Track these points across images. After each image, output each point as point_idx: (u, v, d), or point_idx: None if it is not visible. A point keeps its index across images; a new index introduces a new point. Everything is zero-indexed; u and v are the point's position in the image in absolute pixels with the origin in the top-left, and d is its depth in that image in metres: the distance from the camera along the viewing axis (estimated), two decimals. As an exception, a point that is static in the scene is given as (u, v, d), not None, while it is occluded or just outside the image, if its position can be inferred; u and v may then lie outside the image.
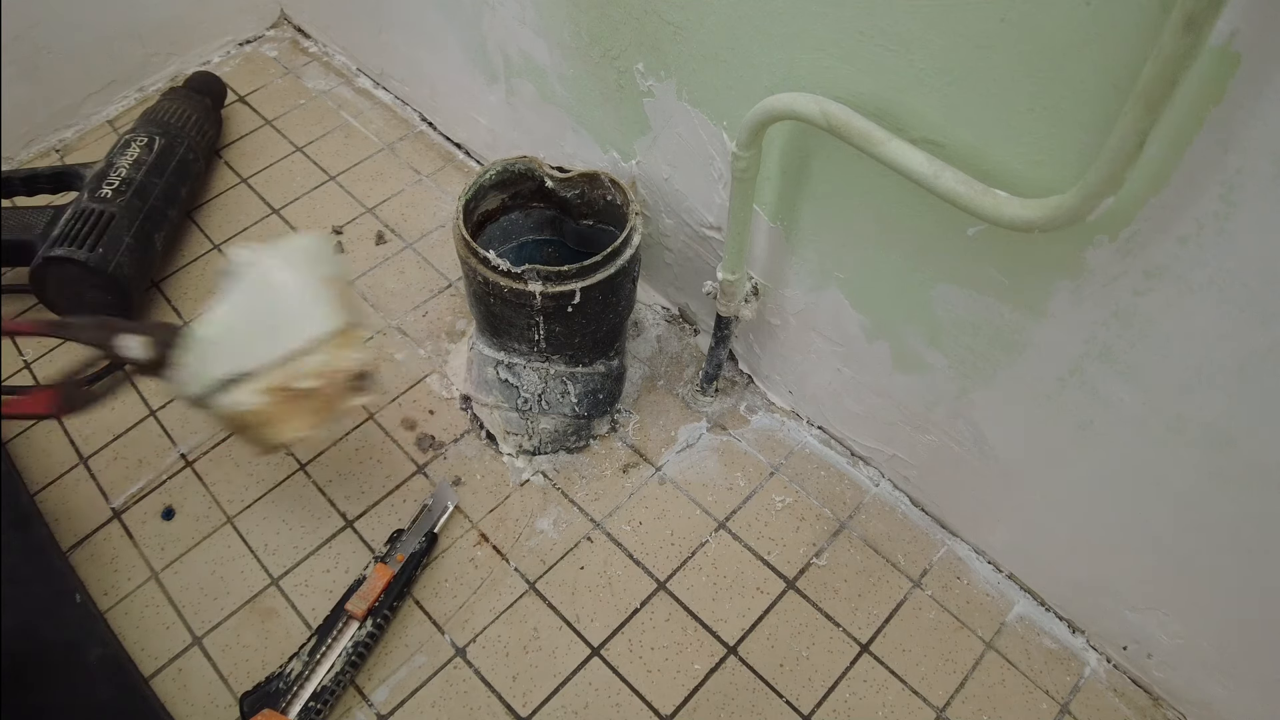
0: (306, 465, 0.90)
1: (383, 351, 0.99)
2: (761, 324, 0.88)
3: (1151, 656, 0.74)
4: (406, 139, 1.22)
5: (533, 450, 0.90)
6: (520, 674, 0.77)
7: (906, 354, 0.74)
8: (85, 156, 1.18)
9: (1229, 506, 0.58)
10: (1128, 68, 0.44)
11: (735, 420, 0.94)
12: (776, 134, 0.69)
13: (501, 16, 0.90)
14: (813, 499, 0.88)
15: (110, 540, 0.85)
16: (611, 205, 0.86)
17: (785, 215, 0.75)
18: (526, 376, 0.88)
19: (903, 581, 0.82)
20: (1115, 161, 0.43)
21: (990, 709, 0.75)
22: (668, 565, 0.83)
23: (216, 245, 1.09)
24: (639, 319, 1.01)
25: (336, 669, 0.74)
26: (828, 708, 0.75)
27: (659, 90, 0.77)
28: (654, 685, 0.76)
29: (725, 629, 0.79)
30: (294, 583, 0.82)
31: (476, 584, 0.82)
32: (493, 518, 0.86)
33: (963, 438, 0.75)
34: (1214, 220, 0.47)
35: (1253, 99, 0.41)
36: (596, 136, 0.91)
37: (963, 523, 0.84)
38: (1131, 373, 0.58)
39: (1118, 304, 0.55)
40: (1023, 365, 0.65)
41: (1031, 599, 0.81)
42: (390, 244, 1.09)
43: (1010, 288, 0.61)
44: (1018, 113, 0.51)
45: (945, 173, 0.53)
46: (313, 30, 1.34)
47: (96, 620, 0.78)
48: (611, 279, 0.79)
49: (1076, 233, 0.53)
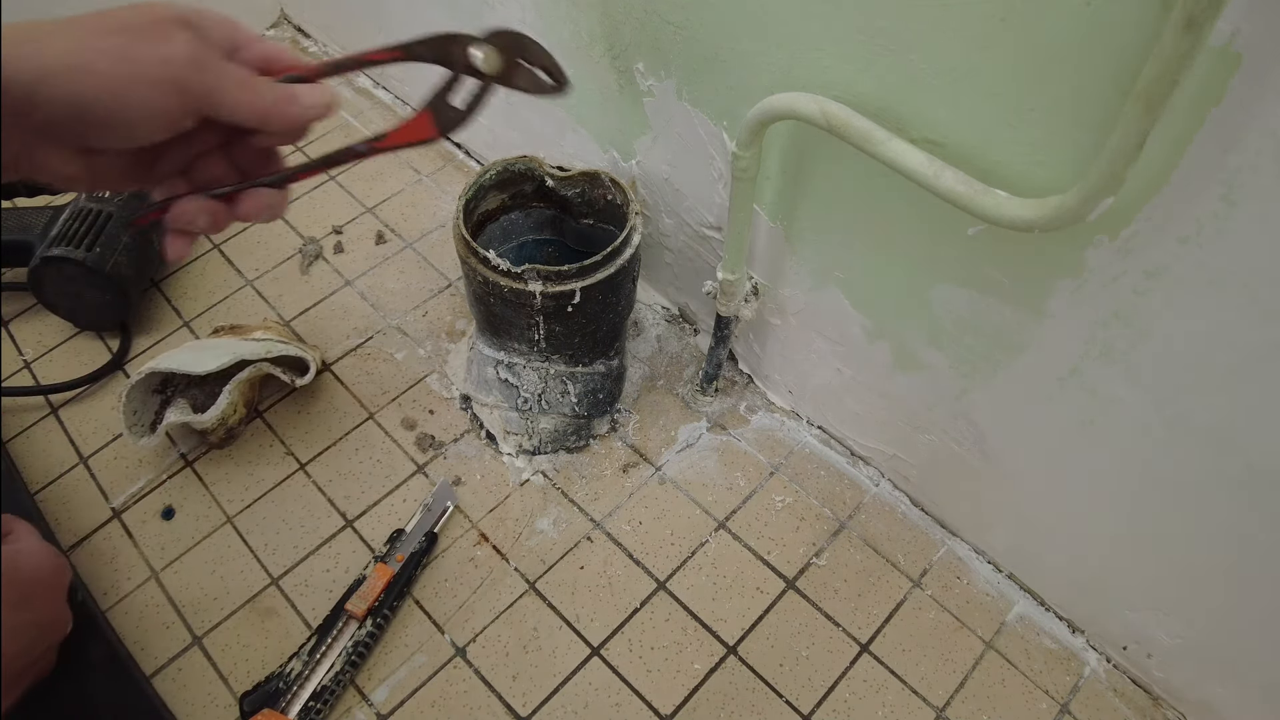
0: (306, 465, 0.90)
1: (382, 351, 0.99)
2: (761, 324, 0.88)
3: (1151, 656, 0.74)
4: (406, 138, 1.22)
5: (533, 450, 0.90)
6: (520, 674, 0.77)
7: (906, 354, 0.74)
8: (85, 156, 1.18)
9: (1229, 506, 0.58)
10: (1128, 68, 0.44)
11: (735, 420, 0.94)
12: (777, 134, 0.69)
13: (501, 16, 0.89)
14: (813, 499, 0.88)
15: (110, 540, 0.85)
16: (611, 205, 0.86)
17: (785, 215, 0.75)
18: (526, 376, 0.88)
19: (903, 581, 0.82)
20: (1115, 161, 0.43)
21: (990, 709, 0.75)
22: (668, 565, 0.83)
23: (216, 245, 1.09)
24: (639, 319, 1.01)
25: (336, 669, 0.75)
26: (827, 707, 0.75)
27: (659, 90, 0.77)
28: (654, 685, 0.76)
29: (725, 629, 0.79)
30: (294, 582, 0.82)
31: (476, 584, 0.82)
32: (493, 517, 0.86)
33: (963, 438, 0.75)
34: (1214, 220, 0.47)
35: (1253, 99, 0.41)
36: (596, 136, 0.91)
37: (963, 523, 0.84)
38: (1131, 373, 0.58)
39: (1118, 304, 0.55)
40: (1023, 365, 0.65)
41: (1031, 599, 0.81)
42: (390, 244, 1.09)
43: (1010, 288, 0.61)
44: (1018, 112, 0.51)
45: (945, 172, 0.53)
46: (313, 30, 1.34)
47: (98, 619, 0.78)
48: (611, 279, 0.79)
49: (1076, 233, 0.53)
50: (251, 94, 0.43)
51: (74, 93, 0.38)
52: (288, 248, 1.09)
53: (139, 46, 0.40)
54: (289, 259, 1.08)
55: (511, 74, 0.55)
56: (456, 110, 0.54)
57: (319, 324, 1.01)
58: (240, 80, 0.43)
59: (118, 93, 0.39)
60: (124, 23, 0.40)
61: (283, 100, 0.44)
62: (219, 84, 0.42)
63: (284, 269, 1.07)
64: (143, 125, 0.41)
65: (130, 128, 0.40)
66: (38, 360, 0.98)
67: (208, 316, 1.02)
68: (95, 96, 0.39)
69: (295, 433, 0.92)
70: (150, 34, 0.40)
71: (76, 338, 1.00)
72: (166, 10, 0.42)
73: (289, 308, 1.03)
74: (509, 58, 0.55)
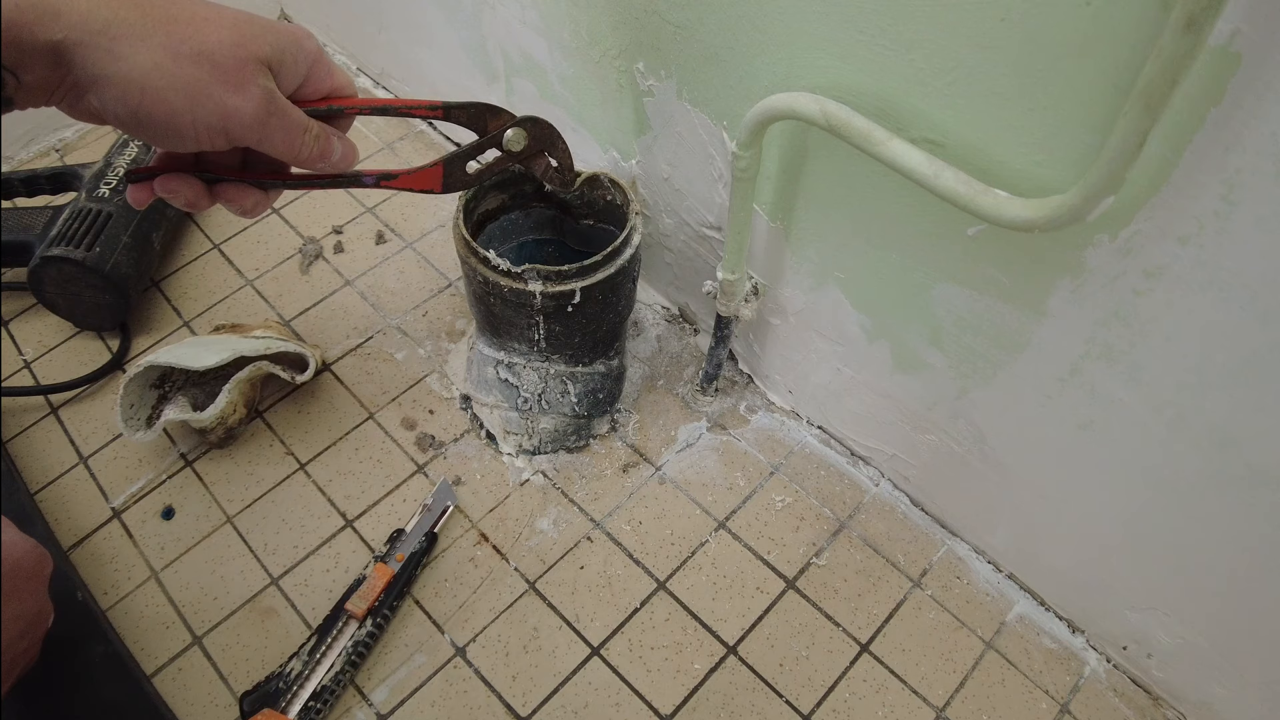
0: (306, 465, 0.90)
1: (382, 351, 0.99)
2: (761, 324, 0.88)
3: (1151, 656, 0.74)
4: (406, 138, 1.22)
5: (533, 450, 0.90)
6: (520, 673, 0.77)
7: (906, 354, 0.74)
8: (85, 156, 1.18)
9: (1230, 506, 0.58)
10: (1128, 68, 0.44)
11: (735, 420, 0.94)
12: (777, 134, 0.69)
13: (502, 16, 0.89)
14: (813, 499, 0.88)
15: (110, 539, 0.85)
16: (611, 205, 0.86)
17: (785, 215, 0.75)
18: (526, 376, 0.88)
19: (903, 581, 0.82)
20: (1115, 161, 0.43)
21: (990, 709, 0.75)
22: (668, 565, 0.83)
23: (216, 245, 1.09)
24: (639, 319, 1.01)
25: (336, 668, 0.75)
26: (827, 707, 0.75)
27: (659, 90, 0.77)
28: (654, 685, 0.76)
29: (725, 629, 0.79)
30: (294, 582, 0.82)
31: (476, 584, 0.82)
32: (493, 517, 0.86)
33: (963, 437, 0.75)
34: (1214, 220, 0.47)
35: (1253, 99, 0.41)
36: (596, 136, 0.91)
37: (963, 522, 0.84)
38: (1132, 373, 0.58)
39: (1118, 304, 0.55)
40: (1023, 365, 0.65)
41: (1031, 599, 0.81)
42: (390, 244, 1.09)
43: (1010, 287, 0.61)
44: (1018, 112, 0.51)
45: (945, 172, 0.53)
46: (313, 30, 1.34)
47: (98, 618, 0.78)
48: (611, 278, 0.79)
49: (1076, 232, 0.53)
50: (293, 147, 0.46)
51: (140, 109, 0.40)
52: (288, 247, 1.09)
53: (214, 90, 0.41)
54: (289, 259, 1.08)
55: (532, 159, 0.59)
56: (466, 175, 0.58)
57: (319, 324, 1.01)
58: (288, 133, 0.45)
59: (178, 125, 0.42)
60: (212, 52, 0.41)
61: (316, 156, 0.47)
62: (269, 135, 0.44)
63: (284, 269, 1.07)
64: (184, 145, 0.43)
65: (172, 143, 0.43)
66: (37, 360, 0.98)
67: (208, 316, 1.02)
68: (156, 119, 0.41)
69: (295, 432, 0.92)
70: (231, 78, 0.42)
71: (76, 338, 1.00)
72: (259, 45, 0.43)
73: (289, 307, 1.03)
74: (535, 145, 0.59)
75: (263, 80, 0.43)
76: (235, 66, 0.42)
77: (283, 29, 0.45)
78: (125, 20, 0.38)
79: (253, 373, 0.87)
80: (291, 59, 0.45)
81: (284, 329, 0.98)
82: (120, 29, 0.38)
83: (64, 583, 0.79)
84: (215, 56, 0.41)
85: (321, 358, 0.97)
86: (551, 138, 0.60)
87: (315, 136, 0.47)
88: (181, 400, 0.86)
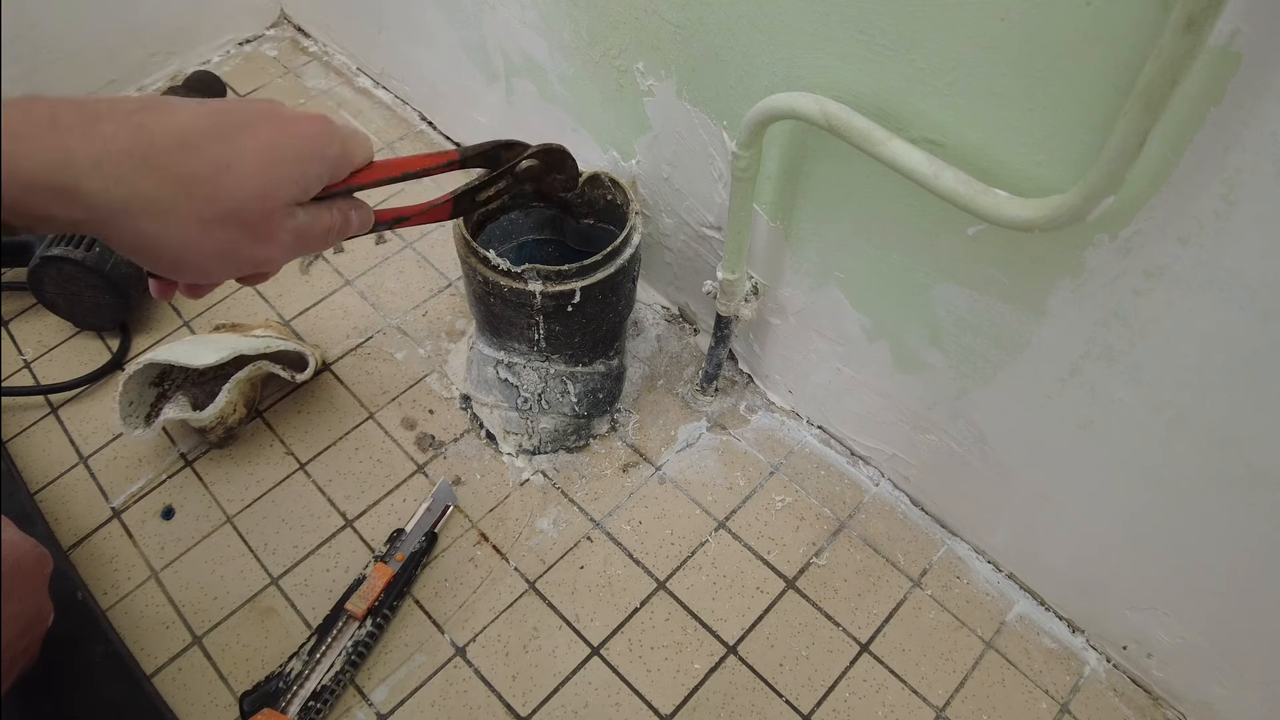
0: (306, 465, 0.90)
1: (382, 351, 0.99)
2: (761, 323, 0.88)
3: (1151, 656, 0.74)
4: (407, 138, 1.22)
5: (532, 450, 0.90)
6: (520, 673, 0.77)
7: (906, 353, 0.74)
8: (85, 156, 1.18)
9: (1230, 506, 0.58)
10: (1128, 68, 0.44)
11: (735, 420, 0.94)
12: (777, 133, 0.69)
13: (502, 16, 0.89)
14: (812, 498, 0.88)
15: (110, 539, 0.85)
16: (611, 204, 0.86)
17: (785, 215, 0.75)
18: (526, 376, 0.88)
19: (903, 581, 0.82)
20: (1115, 161, 0.43)
21: (990, 708, 0.75)
22: (668, 565, 0.83)
23: (216, 245, 1.09)
24: (639, 318, 1.01)
25: (336, 668, 0.75)
26: (827, 707, 0.75)
27: (659, 90, 0.77)
28: (654, 684, 0.76)
29: (725, 628, 0.79)
30: (294, 582, 0.82)
31: (476, 583, 0.82)
32: (492, 517, 0.86)
33: (963, 437, 0.75)
34: (1214, 220, 0.47)
35: (1253, 99, 0.41)
36: (596, 136, 0.91)
37: (963, 522, 0.84)
38: (1132, 372, 0.58)
39: (1118, 304, 0.55)
40: (1023, 365, 0.65)
41: (1031, 599, 0.81)
42: (390, 244, 1.09)
43: (1010, 287, 0.61)
44: (1018, 112, 0.51)
45: (945, 172, 0.53)
46: (313, 30, 1.34)
47: (98, 618, 0.78)
48: (611, 278, 0.79)
49: (1076, 232, 0.53)
50: (317, 250, 0.46)
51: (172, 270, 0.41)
52: (288, 247, 1.09)
53: (245, 248, 0.41)
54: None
55: (543, 181, 0.61)
56: (474, 205, 0.59)
57: (319, 324, 1.01)
58: (315, 245, 0.45)
59: (210, 277, 0.42)
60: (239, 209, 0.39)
61: (336, 241, 0.47)
62: (285, 257, 0.44)
63: (284, 269, 1.07)
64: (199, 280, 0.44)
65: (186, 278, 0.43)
66: (37, 360, 0.98)
67: (208, 316, 1.02)
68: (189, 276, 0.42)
69: (295, 432, 0.92)
70: (260, 232, 0.41)
71: (76, 337, 1.00)
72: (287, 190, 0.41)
73: (289, 307, 1.03)
74: (546, 169, 0.61)
75: (291, 224, 0.42)
76: (263, 220, 0.40)
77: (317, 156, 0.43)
78: (144, 194, 0.36)
79: (253, 372, 0.87)
80: (317, 179, 0.43)
81: (284, 329, 0.98)
82: (140, 204, 0.36)
83: (64, 582, 0.79)
84: (243, 214, 0.39)
85: (321, 357, 0.97)
86: (563, 161, 0.61)
87: (337, 232, 0.46)
88: (181, 399, 0.86)
